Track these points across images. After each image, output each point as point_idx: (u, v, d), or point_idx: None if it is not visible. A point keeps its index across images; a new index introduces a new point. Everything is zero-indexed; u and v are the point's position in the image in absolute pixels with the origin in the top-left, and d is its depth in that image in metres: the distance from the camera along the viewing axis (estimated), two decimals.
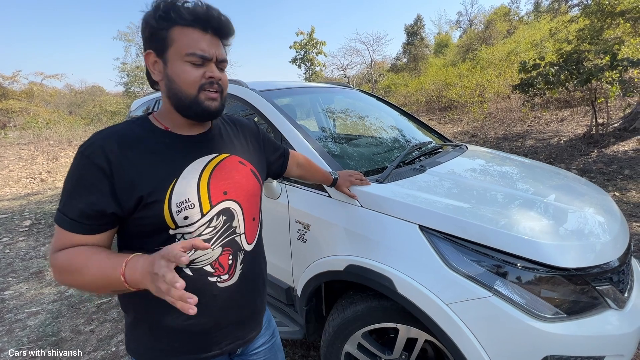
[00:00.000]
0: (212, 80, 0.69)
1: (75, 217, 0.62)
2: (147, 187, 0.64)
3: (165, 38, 0.66)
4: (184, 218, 0.67)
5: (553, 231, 1.05)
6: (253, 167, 0.83)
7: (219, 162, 0.75)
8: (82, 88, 30.07)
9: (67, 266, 0.61)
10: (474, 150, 2.00)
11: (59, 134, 13.53)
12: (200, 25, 0.66)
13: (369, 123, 2.43)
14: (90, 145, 0.64)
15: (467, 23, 24.12)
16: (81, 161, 0.63)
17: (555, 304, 0.94)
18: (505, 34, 16.86)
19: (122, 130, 0.68)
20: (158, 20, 0.66)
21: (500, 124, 8.81)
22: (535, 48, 10.88)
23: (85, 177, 0.62)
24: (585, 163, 4.83)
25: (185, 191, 0.67)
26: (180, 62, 0.66)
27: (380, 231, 1.17)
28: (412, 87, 15.14)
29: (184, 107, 0.69)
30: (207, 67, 0.68)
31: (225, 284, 0.74)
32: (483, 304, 0.94)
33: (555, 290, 0.95)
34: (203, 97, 0.68)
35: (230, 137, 0.83)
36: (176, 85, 0.68)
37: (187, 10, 0.65)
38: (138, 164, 0.65)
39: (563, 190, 1.45)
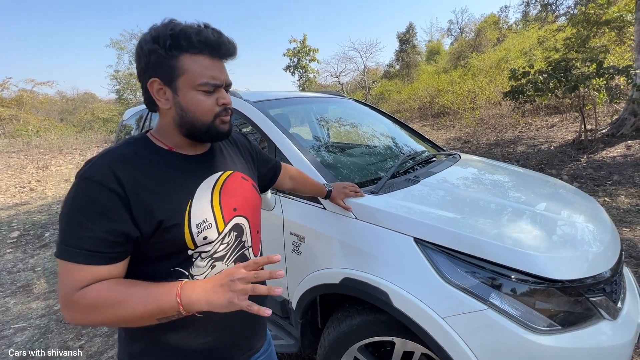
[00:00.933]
0: (227, 107, 0.70)
1: (93, 247, 0.57)
2: (165, 210, 0.63)
3: (175, 67, 0.64)
4: (203, 238, 0.67)
5: (546, 242, 1.06)
6: (253, 182, 0.85)
7: (225, 179, 0.76)
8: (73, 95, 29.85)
9: (102, 301, 0.56)
10: (466, 159, 2.02)
11: (50, 141, 13.35)
12: (209, 52, 0.66)
13: (363, 133, 2.45)
14: (98, 171, 0.59)
15: (457, 31, 24.62)
16: (90, 187, 0.58)
17: (549, 316, 0.95)
18: (495, 41, 17.22)
19: (127, 152, 0.65)
20: (168, 49, 0.63)
21: (492, 130, 8.94)
22: (524, 56, 11.13)
23: (99, 203, 0.58)
24: (576, 169, 4.91)
25: (202, 212, 0.68)
26: (193, 92, 0.66)
27: (375, 244, 1.16)
28: (405, 94, 15.32)
29: (198, 133, 0.69)
30: (218, 93, 0.69)
31: None
32: (479, 317, 0.94)
33: (550, 302, 0.96)
34: (218, 122, 0.70)
35: (230, 153, 0.84)
36: (191, 115, 0.67)
37: (198, 37, 0.63)
38: (152, 187, 0.63)
39: (555, 200, 1.47)
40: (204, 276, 0.69)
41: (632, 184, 4.02)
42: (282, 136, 1.51)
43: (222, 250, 0.72)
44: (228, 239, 0.73)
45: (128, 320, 0.57)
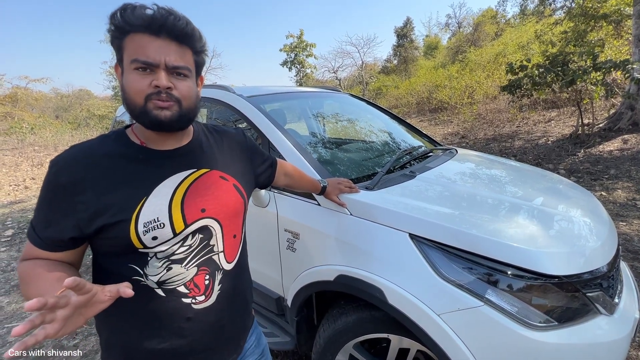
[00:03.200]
0: (158, 90, 0.62)
1: (38, 232, 0.62)
2: (112, 206, 0.61)
3: (120, 47, 0.63)
4: (152, 238, 0.63)
5: (543, 238, 1.05)
6: (236, 182, 0.79)
7: (197, 177, 0.71)
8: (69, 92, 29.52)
9: (21, 276, 0.61)
10: (463, 154, 2.00)
11: (45, 139, 13.23)
12: (149, 29, 0.61)
13: (359, 128, 2.42)
14: (57, 162, 0.62)
15: (455, 25, 24.47)
16: (48, 177, 0.62)
17: (546, 312, 0.93)
18: (493, 36, 17.16)
19: (94, 145, 0.65)
20: (114, 30, 0.62)
21: (490, 124, 8.93)
22: (522, 50, 11.08)
23: (49, 194, 0.62)
24: (573, 163, 4.91)
25: (154, 210, 0.64)
26: (129, 71, 0.62)
27: (370, 240, 1.15)
28: (402, 89, 15.25)
29: (135, 117, 0.65)
30: (155, 74, 0.62)
31: (200, 305, 0.70)
32: (475, 314, 0.93)
33: (546, 298, 0.94)
34: (151, 106, 0.62)
35: (213, 150, 0.79)
36: (126, 95, 0.63)
37: (134, 14, 0.60)
38: (108, 183, 0.62)
39: (551, 194, 1.46)
40: (159, 277, 0.66)
41: (629, 178, 4.03)
42: (277, 132, 1.49)
43: (182, 253, 0.67)
44: (191, 242, 0.68)
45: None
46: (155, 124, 0.64)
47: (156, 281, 0.66)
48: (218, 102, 1.78)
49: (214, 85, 1.92)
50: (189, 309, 0.69)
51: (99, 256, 0.67)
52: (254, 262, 1.60)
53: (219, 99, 1.77)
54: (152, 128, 0.66)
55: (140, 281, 0.65)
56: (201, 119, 2.47)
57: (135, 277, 0.65)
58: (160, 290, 0.66)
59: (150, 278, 0.65)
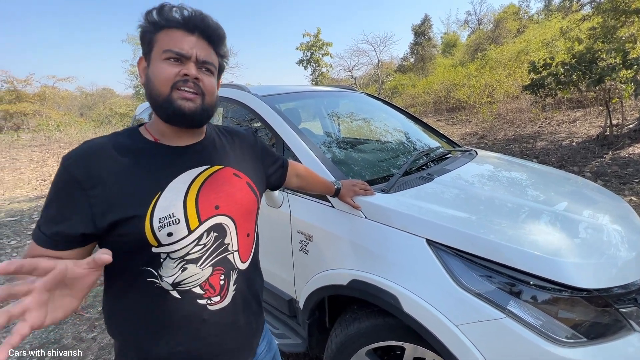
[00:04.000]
0: (186, 78, 0.64)
1: (44, 229, 0.59)
2: (126, 202, 0.60)
3: (151, 40, 0.66)
4: (167, 235, 0.62)
5: (572, 247, 0.99)
6: (249, 180, 0.78)
7: (211, 174, 0.71)
8: (92, 90, 30.67)
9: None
10: (483, 155, 1.92)
11: (70, 136, 13.77)
12: (184, 26, 0.65)
13: (375, 128, 2.38)
14: (70, 157, 0.62)
15: (475, 22, 23.82)
16: (60, 172, 0.61)
17: (573, 326, 0.88)
18: (515, 33, 16.60)
19: (107, 142, 0.65)
20: (148, 25, 0.65)
21: (510, 125, 8.64)
22: (546, 47, 10.66)
23: (61, 189, 0.60)
24: (600, 166, 4.68)
25: (169, 205, 0.63)
26: (159, 61, 0.64)
27: (385, 244, 1.11)
28: (419, 88, 14.98)
29: (158, 107, 0.66)
30: (185, 65, 0.65)
31: (216, 306, 0.69)
32: (495, 326, 0.88)
33: (574, 312, 0.88)
34: (176, 95, 0.64)
35: (225, 148, 0.78)
36: (152, 84, 0.65)
37: (173, 12, 0.65)
38: (120, 178, 0.61)
39: (578, 199, 1.38)
40: (174, 278, 0.65)
41: None
42: (291, 132, 1.47)
43: (197, 252, 0.66)
44: (205, 240, 0.67)
45: None
46: (178, 115, 0.65)
47: (171, 282, 0.65)
48: (233, 102, 1.78)
49: (230, 85, 1.93)
50: (204, 310, 0.68)
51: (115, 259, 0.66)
52: (267, 263, 1.60)
53: (234, 98, 1.77)
54: (173, 120, 0.66)
55: (155, 283, 0.64)
56: (218, 118, 2.49)
57: (150, 278, 0.64)
58: (175, 292, 0.65)
59: (165, 279, 0.64)
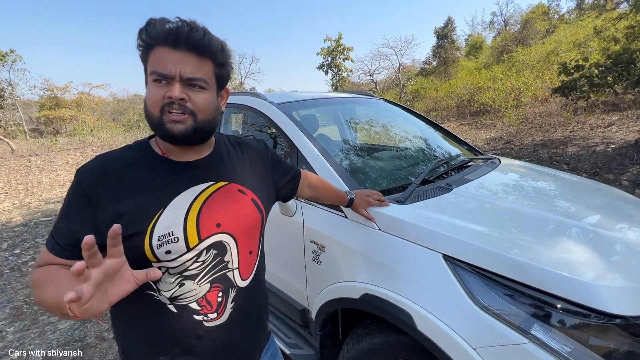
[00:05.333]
0: (170, 101, 0.62)
1: (58, 240, 0.62)
2: (130, 218, 0.61)
3: (145, 61, 0.65)
4: (165, 252, 0.62)
5: (605, 268, 0.91)
6: (255, 196, 0.77)
7: (215, 191, 0.70)
8: (124, 97, 32.25)
9: (35, 281, 0.61)
10: (507, 164, 1.83)
11: (102, 140, 14.53)
12: (169, 42, 0.62)
13: (393, 135, 2.33)
14: (81, 171, 0.64)
15: (501, 24, 23.05)
16: (73, 184, 0.64)
17: (606, 356, 0.80)
18: (544, 33, 15.92)
19: (117, 156, 0.67)
20: (141, 45, 0.64)
21: (539, 129, 8.24)
22: (578, 48, 10.14)
23: (72, 202, 0.63)
24: (638, 174, 4.35)
25: (170, 224, 0.63)
26: (149, 83, 0.64)
27: (399, 258, 1.07)
28: (442, 92, 14.63)
29: (153, 129, 0.66)
30: (170, 86, 0.62)
31: (212, 323, 0.69)
32: (518, 351, 0.82)
33: (608, 340, 0.81)
34: (166, 118, 0.63)
35: (233, 162, 0.78)
36: (145, 106, 0.65)
37: (156, 29, 0.61)
38: (125, 194, 0.62)
39: (615, 214, 1.27)
40: (171, 293, 0.65)
41: None
42: (305, 140, 1.46)
43: (195, 269, 0.66)
44: (204, 257, 0.66)
45: (46, 304, 0.57)
46: (169, 138, 0.65)
47: (168, 297, 0.65)
48: (250, 109, 1.80)
49: (246, 92, 1.95)
50: (200, 326, 0.67)
51: None
52: (280, 271, 1.59)
53: (250, 106, 1.79)
54: (167, 141, 0.67)
55: (153, 296, 0.65)
56: (237, 125, 2.54)
57: (149, 291, 0.65)
58: (172, 306, 0.65)
59: (163, 293, 0.65)
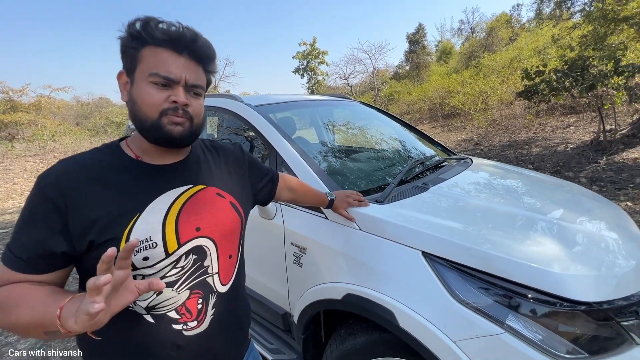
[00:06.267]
0: (176, 106, 0.62)
1: (21, 254, 0.56)
2: (104, 223, 0.57)
3: (135, 57, 0.62)
4: (143, 259, 0.59)
5: (570, 258, 0.96)
6: (233, 199, 0.75)
7: (193, 194, 0.68)
8: (89, 100, 30.59)
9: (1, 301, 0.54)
10: (479, 163, 1.91)
11: (65, 145, 13.68)
12: (172, 46, 0.61)
13: (369, 136, 2.37)
14: (45, 176, 0.58)
15: (468, 31, 24.19)
16: (35, 193, 0.58)
17: (574, 341, 0.85)
18: (507, 41, 16.86)
19: (85, 159, 0.62)
20: (130, 39, 0.61)
21: (505, 131, 8.71)
22: (538, 55, 10.82)
23: (36, 211, 0.57)
24: (594, 171, 4.70)
25: (147, 229, 0.60)
26: (145, 82, 0.61)
27: (380, 257, 1.08)
28: (414, 95, 15.09)
29: (145, 130, 0.63)
30: (173, 90, 0.62)
31: (192, 332, 0.66)
32: (494, 342, 0.85)
33: (575, 326, 0.86)
34: (165, 120, 0.62)
35: (210, 165, 0.76)
36: (138, 107, 0.62)
37: (160, 30, 0.60)
38: (97, 199, 0.58)
39: (577, 208, 1.36)
40: (148, 302, 0.62)
41: None
42: (284, 142, 1.45)
43: (174, 275, 0.63)
44: (184, 263, 0.64)
45: (19, 327, 0.53)
46: (167, 139, 0.63)
47: (145, 307, 0.62)
48: (226, 112, 1.76)
49: (223, 95, 1.91)
50: (179, 336, 0.64)
51: (85, 279, 0.62)
52: (260, 275, 1.56)
53: (226, 108, 1.75)
54: (161, 143, 0.64)
55: (127, 307, 0.61)
56: (212, 128, 2.47)
57: None
58: (149, 317, 0.62)
59: (139, 303, 0.61)
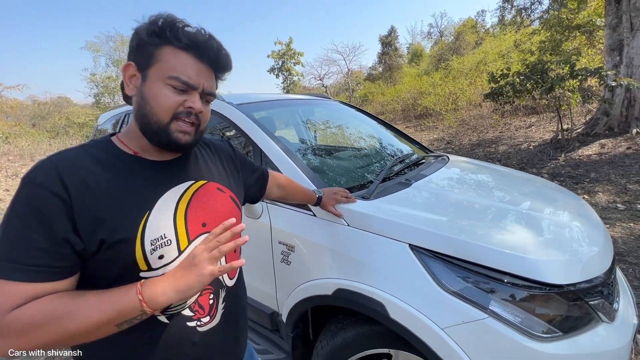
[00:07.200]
0: (190, 111, 0.62)
1: (32, 260, 0.49)
2: (113, 223, 0.54)
3: (152, 54, 0.60)
4: (158, 257, 0.58)
5: (543, 246, 1.04)
6: (232, 194, 0.76)
7: (196, 190, 0.67)
8: (46, 99, 28.51)
9: (44, 317, 0.47)
10: (455, 160, 2.00)
11: (20, 148, 12.68)
12: (196, 52, 0.61)
13: (351, 135, 2.40)
14: (42, 172, 0.52)
15: (437, 34, 25.14)
16: (32, 191, 0.50)
17: (549, 321, 0.92)
18: (474, 45, 17.71)
19: (81, 155, 0.57)
20: (150, 35, 0.59)
21: (474, 130, 9.14)
22: (502, 58, 11.47)
23: (43, 209, 0.50)
24: (555, 167, 5.05)
25: (160, 226, 0.59)
26: (161, 83, 0.60)
27: (368, 251, 1.11)
28: (388, 96, 15.47)
29: (150, 132, 0.61)
30: (189, 95, 0.61)
31: (205, 327, 0.66)
32: (479, 327, 0.90)
33: (549, 307, 0.93)
34: (174, 127, 0.61)
35: (207, 162, 0.75)
36: (149, 107, 0.60)
37: (186, 33, 0.60)
38: (103, 195, 0.55)
39: (544, 200, 1.47)
40: None
41: (608, 181, 4.17)
42: (268, 140, 1.44)
43: None
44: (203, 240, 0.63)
45: (80, 333, 0.48)
46: (172, 147, 0.63)
47: None
48: None
49: None
50: (194, 332, 0.64)
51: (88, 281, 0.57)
52: (247, 276, 1.52)
53: None
54: (164, 147, 0.63)
55: None
56: None
57: None
58: (163, 317, 0.61)
59: None
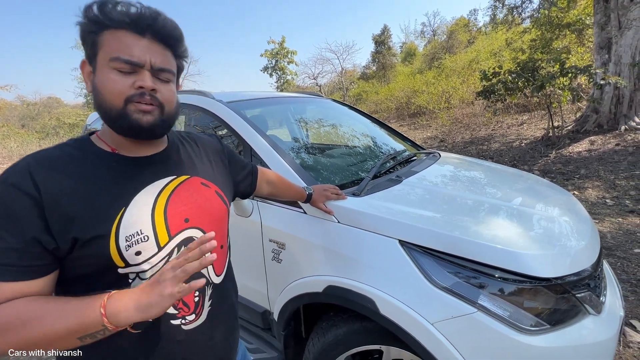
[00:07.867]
0: (142, 92, 0.57)
1: (6, 260, 0.49)
2: (86, 221, 0.53)
3: (95, 43, 0.57)
4: (135, 254, 0.56)
5: (531, 239, 1.05)
6: (218, 189, 0.74)
7: (178, 184, 0.66)
8: (36, 100, 28.09)
9: (11, 321, 0.47)
10: (446, 157, 2.01)
11: (9, 149, 12.47)
12: (133, 28, 0.56)
13: (343, 133, 2.40)
14: (15, 172, 0.53)
15: (430, 33, 25.28)
16: (5, 191, 0.51)
17: (537, 314, 0.93)
18: (466, 43, 17.83)
19: (55, 154, 0.57)
20: (88, 24, 0.57)
21: (467, 128, 9.21)
22: (494, 57, 11.57)
23: (13, 208, 0.50)
24: (546, 164, 5.12)
25: (136, 222, 0.57)
26: (107, 69, 0.56)
27: (359, 248, 1.11)
28: (382, 95, 15.51)
29: (111, 121, 0.59)
30: (138, 75, 0.57)
31: (191, 325, 0.64)
32: (468, 321, 0.90)
33: (537, 300, 0.94)
34: (132, 108, 0.57)
35: (191, 156, 0.74)
36: (101, 96, 0.57)
37: (119, 11, 0.56)
38: (74, 194, 0.54)
39: (534, 195, 1.48)
40: None
41: (598, 178, 4.24)
42: (259, 138, 1.43)
43: None
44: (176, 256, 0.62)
45: (44, 341, 0.47)
46: (135, 130, 0.59)
47: None
48: (197, 108, 1.70)
49: (192, 91, 1.85)
50: (178, 330, 0.62)
51: (65, 285, 0.57)
52: (238, 275, 1.51)
53: (197, 105, 1.70)
54: (129, 134, 0.60)
55: None
56: (179, 127, 2.38)
57: None
58: None
59: None
